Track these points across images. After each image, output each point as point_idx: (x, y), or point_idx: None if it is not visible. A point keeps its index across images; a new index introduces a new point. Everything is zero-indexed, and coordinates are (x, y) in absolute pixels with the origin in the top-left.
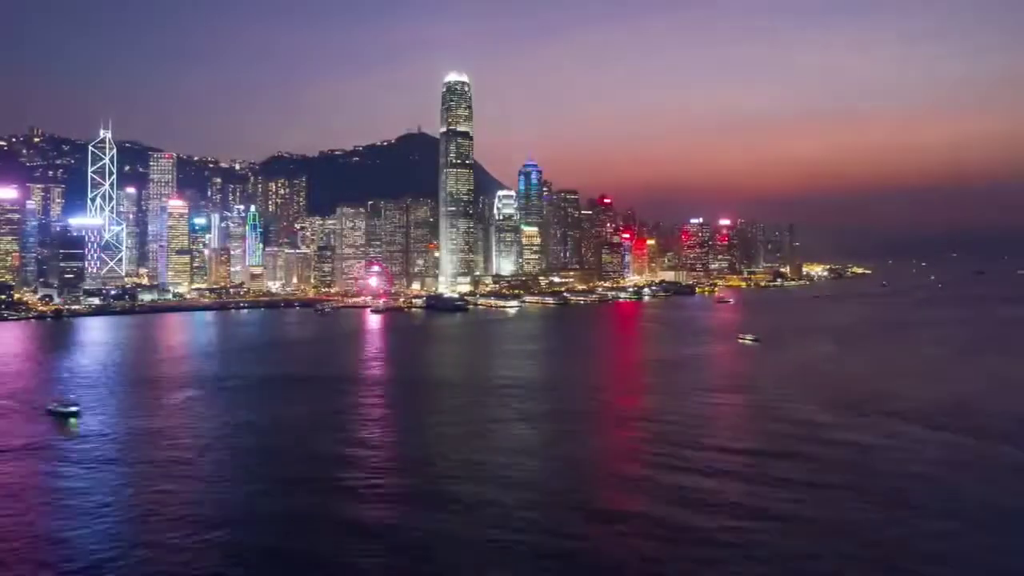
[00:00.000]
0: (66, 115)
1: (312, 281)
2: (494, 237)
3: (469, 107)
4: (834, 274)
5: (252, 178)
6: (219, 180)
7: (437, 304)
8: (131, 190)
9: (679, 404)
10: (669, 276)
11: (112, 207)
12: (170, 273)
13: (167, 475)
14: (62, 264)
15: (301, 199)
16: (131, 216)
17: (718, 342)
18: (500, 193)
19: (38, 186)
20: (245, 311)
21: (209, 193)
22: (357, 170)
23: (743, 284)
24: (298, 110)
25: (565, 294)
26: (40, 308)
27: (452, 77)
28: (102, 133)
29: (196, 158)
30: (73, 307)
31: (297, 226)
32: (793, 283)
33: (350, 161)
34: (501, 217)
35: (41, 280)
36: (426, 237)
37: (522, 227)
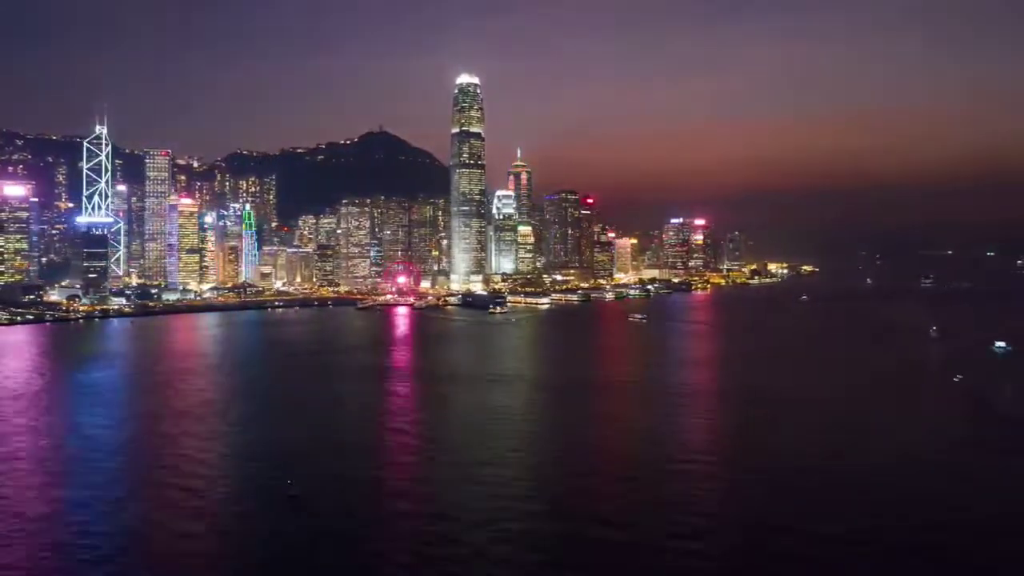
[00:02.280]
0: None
1: (314, 280)
2: (493, 236)
3: (481, 108)
4: (793, 271)
5: (219, 176)
6: (184, 178)
7: (473, 301)
8: (122, 187)
9: None
10: (653, 274)
11: (107, 204)
12: (181, 273)
13: None
14: (86, 264)
15: (271, 197)
16: (121, 214)
17: None
18: (499, 193)
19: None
20: (280, 310)
21: (175, 190)
22: (321, 168)
23: (723, 281)
24: (251, 107)
25: (581, 292)
26: (83, 308)
27: (464, 79)
28: (97, 129)
29: None
30: (112, 307)
31: (273, 224)
32: (767, 280)
33: (314, 159)
34: (501, 217)
35: (41, 280)
36: (429, 236)
37: (518, 227)
